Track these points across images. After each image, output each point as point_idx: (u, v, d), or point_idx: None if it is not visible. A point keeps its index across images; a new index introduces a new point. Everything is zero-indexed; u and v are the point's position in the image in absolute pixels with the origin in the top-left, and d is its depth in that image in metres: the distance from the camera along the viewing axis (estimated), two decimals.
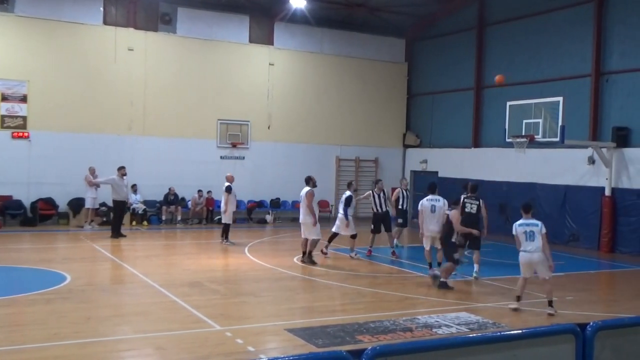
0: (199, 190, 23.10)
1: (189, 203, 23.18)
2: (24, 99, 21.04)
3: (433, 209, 13.48)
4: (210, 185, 23.09)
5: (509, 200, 21.61)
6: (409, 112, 28.11)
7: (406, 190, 18.23)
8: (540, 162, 21.10)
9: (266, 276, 13.34)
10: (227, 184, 17.87)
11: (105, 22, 22.27)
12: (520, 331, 4.87)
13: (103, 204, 21.67)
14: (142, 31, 22.79)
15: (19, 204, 20.80)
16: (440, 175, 25.55)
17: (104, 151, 21.81)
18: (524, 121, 18.50)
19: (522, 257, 10.52)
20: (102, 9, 22.19)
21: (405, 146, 27.92)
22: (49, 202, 21.18)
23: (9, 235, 18.59)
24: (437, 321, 9.68)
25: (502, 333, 4.73)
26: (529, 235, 10.43)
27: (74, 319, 9.34)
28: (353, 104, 26.71)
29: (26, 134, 21.08)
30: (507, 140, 19.16)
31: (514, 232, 10.60)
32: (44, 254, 15.29)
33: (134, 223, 21.86)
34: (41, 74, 21.25)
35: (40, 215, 20.93)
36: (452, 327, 9.42)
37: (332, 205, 26.14)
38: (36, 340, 8.23)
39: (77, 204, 21.40)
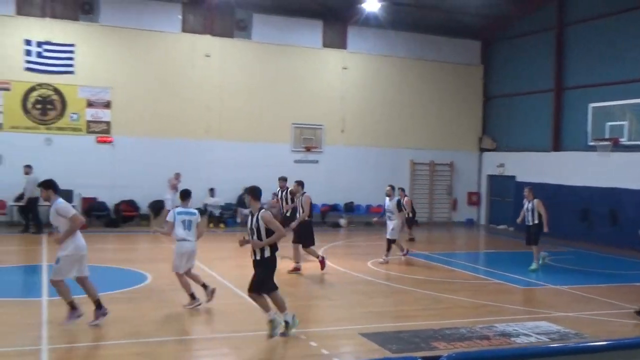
0: (274, 194, 23.36)
1: (264, 206, 23.45)
2: (107, 105, 21.95)
3: (188, 225, 10.22)
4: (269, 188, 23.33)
5: (591, 206, 20.81)
6: (485, 115, 27.53)
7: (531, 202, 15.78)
8: (625, 167, 20.17)
9: (340, 280, 13.34)
10: None
11: (183, 30, 22.93)
12: (605, 342, 4.65)
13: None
14: (219, 37, 23.33)
15: (103, 206, 21.70)
16: (518, 179, 24.87)
17: (182, 155, 22.45)
18: (608, 124, 17.84)
19: None
20: (180, 17, 22.87)
21: (482, 150, 27.36)
22: (131, 204, 21.99)
23: (94, 235, 19.36)
24: (516, 330, 9.41)
25: (585, 344, 4.55)
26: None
27: (154, 317, 9.62)
28: (427, 107, 26.41)
29: (110, 139, 21.98)
30: (590, 143, 18.51)
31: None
32: (127, 254, 15.85)
33: (211, 225, 22.38)
34: (124, 80, 22.10)
35: (123, 217, 21.77)
36: (531, 336, 9.13)
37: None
38: (118, 337, 8.53)
39: (157, 206, 22.11)
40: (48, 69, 21.21)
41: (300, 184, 14.20)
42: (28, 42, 20.97)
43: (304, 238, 13.80)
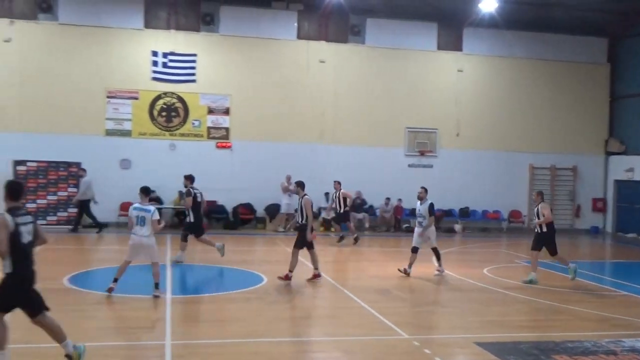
0: (387, 198, 23.31)
1: (377, 211, 23.49)
2: (226, 112, 22.83)
3: (141, 221, 10.84)
4: (399, 193, 23.21)
5: None
6: (612, 117, 25.96)
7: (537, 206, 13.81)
8: None
9: (454, 287, 13.05)
10: None
11: (299, 37, 23.42)
12: None
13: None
14: (333, 43, 23.62)
15: (222, 209, 22.56)
16: None
17: (297, 159, 22.89)
18: None
19: None
20: (296, 24, 23.38)
21: (608, 153, 25.82)
22: (248, 207, 22.71)
23: (213, 237, 20.12)
24: None
25: None
26: None
27: (269, 318, 9.84)
28: (548, 109, 25.29)
29: (229, 144, 22.84)
30: None
31: None
32: (244, 256, 16.34)
33: (322, 229, 22.66)
34: (242, 87, 22.90)
35: (241, 220, 22.51)
36: None
37: (525, 216, 24.95)
38: (235, 335, 8.80)
39: (273, 210, 22.71)
40: (172, 78, 22.39)
41: (300, 185, 12.96)
42: (154, 54, 22.23)
43: (304, 242, 12.69)
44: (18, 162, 21.01)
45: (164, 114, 22.40)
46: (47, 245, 7.57)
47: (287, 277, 12.43)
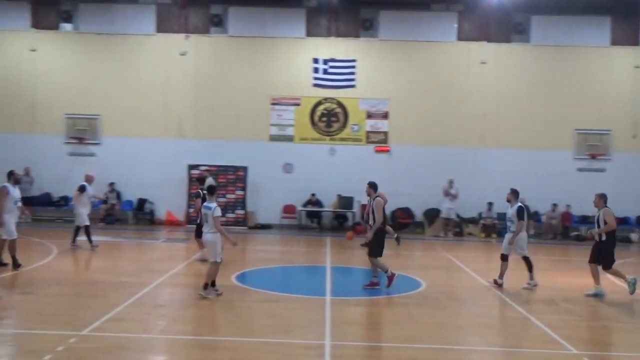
0: (554, 204, 22.08)
1: (543, 217, 22.33)
2: (385, 116, 22.94)
3: (206, 218, 10.87)
4: (567, 198, 21.94)
5: None
6: None
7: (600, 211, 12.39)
8: None
9: (631, 301, 12.01)
10: (82, 183, 16.02)
11: (458, 38, 22.95)
12: None
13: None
14: (494, 43, 22.86)
15: None
16: None
17: (457, 163, 22.41)
18: None
19: None
20: (456, 25, 22.94)
21: None
22: (407, 212, 22.60)
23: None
24: None
25: None
26: None
27: (427, 324, 9.69)
28: None
29: (387, 148, 22.91)
30: None
31: None
32: (402, 260, 16.24)
33: (482, 235, 22.00)
34: (400, 91, 22.88)
35: (399, 224, 22.43)
36: None
37: None
38: (393, 340, 8.76)
39: (432, 214, 22.42)
40: (332, 84, 22.94)
41: (372, 186, 12.39)
42: (315, 61, 22.93)
43: (370, 247, 12.18)
44: (192, 167, 22.62)
45: (324, 119, 22.99)
46: None
47: (374, 284, 12.09)
